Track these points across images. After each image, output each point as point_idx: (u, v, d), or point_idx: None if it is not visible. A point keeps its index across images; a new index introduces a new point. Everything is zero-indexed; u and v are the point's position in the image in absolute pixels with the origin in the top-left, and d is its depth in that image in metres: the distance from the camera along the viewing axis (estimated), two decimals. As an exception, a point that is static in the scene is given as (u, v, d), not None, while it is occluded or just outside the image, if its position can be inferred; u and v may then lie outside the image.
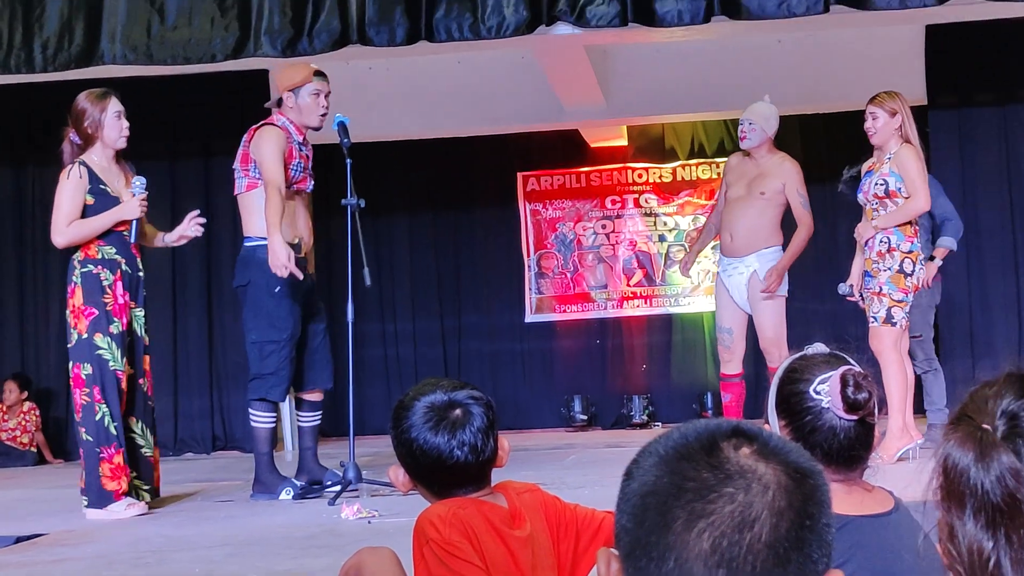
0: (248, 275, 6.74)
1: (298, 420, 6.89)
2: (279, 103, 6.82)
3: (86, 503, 6.13)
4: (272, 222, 6.48)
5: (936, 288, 7.78)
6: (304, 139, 6.80)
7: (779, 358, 7.45)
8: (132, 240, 6.29)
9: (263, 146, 6.66)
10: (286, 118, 6.77)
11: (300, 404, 6.91)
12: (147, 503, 6.26)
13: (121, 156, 6.39)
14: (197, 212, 6.66)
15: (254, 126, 6.83)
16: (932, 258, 7.64)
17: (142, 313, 6.38)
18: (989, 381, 1.28)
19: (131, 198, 6.26)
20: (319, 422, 6.86)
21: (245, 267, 6.78)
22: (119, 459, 6.10)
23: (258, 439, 6.75)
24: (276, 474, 6.67)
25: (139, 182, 6.29)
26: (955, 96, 9.65)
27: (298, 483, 6.62)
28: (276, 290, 6.63)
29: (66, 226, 6.14)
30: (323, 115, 6.78)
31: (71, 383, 6.21)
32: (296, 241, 6.67)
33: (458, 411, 2.58)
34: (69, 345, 6.23)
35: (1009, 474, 1.20)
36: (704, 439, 1.20)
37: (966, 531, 1.21)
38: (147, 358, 6.42)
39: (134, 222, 6.25)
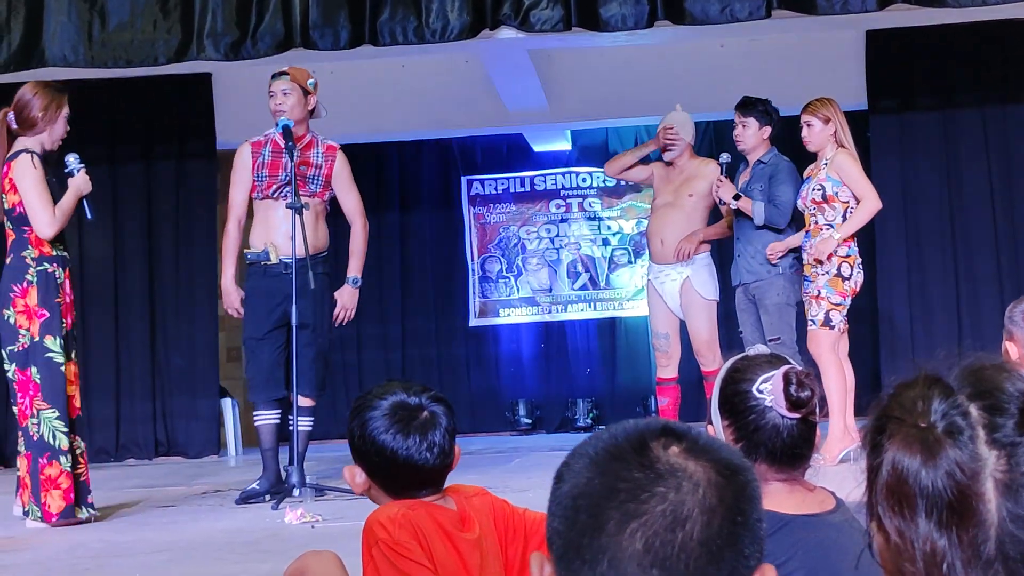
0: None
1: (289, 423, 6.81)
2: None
3: (38, 516, 5.89)
4: (223, 257, 6.87)
5: (794, 285, 7.31)
6: (287, 144, 6.69)
7: (713, 361, 7.56)
8: (90, 216, 6.20)
9: (232, 172, 6.94)
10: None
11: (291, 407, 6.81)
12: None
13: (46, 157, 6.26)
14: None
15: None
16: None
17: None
18: (905, 383, 1.29)
19: (76, 176, 6.13)
20: (309, 428, 6.77)
21: None
22: (52, 471, 5.87)
23: (258, 436, 6.85)
24: (268, 471, 6.66)
25: (74, 157, 6.16)
26: (896, 101, 9.73)
27: (254, 486, 6.58)
28: (244, 296, 6.83)
29: (53, 215, 5.95)
30: (278, 112, 6.74)
31: (15, 387, 5.97)
32: (264, 248, 6.70)
33: (426, 413, 2.57)
34: (17, 348, 5.96)
35: (957, 467, 1.20)
36: (634, 439, 1.20)
37: (919, 533, 1.21)
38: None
39: (85, 199, 6.12)
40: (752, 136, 7.39)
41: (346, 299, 7.03)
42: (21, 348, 5.97)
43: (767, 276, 7.23)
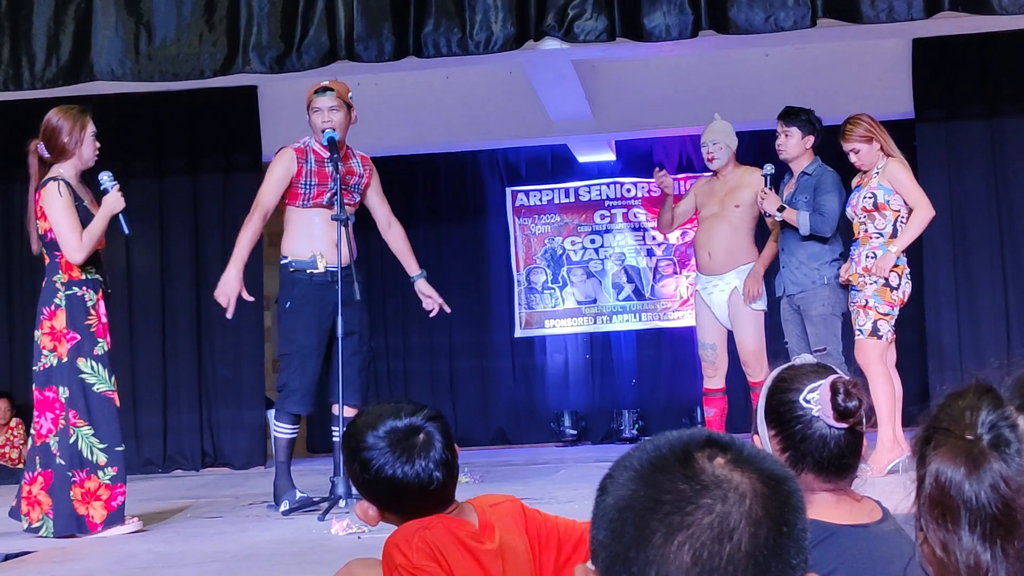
0: (278, 292, 6.95)
1: (332, 434, 6.82)
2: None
3: (51, 532, 6.00)
4: (238, 247, 6.82)
5: (839, 296, 7.29)
6: (332, 156, 6.67)
7: (760, 372, 7.53)
8: (127, 231, 6.22)
9: (269, 168, 6.84)
10: (312, 137, 6.84)
11: (332, 418, 6.80)
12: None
13: (83, 175, 6.34)
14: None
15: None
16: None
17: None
18: (956, 393, 1.28)
19: (109, 194, 6.18)
20: None
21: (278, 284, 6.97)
22: (91, 484, 5.99)
23: (275, 448, 6.84)
24: (286, 483, 6.68)
25: (107, 175, 6.22)
26: (943, 109, 9.66)
27: (300, 494, 6.61)
28: (287, 305, 6.78)
29: (80, 240, 6.04)
30: (326, 127, 6.73)
31: (34, 407, 6.09)
32: (310, 257, 6.71)
33: (422, 435, 2.55)
34: (39, 367, 6.08)
35: (1003, 482, 1.19)
36: (678, 450, 1.20)
37: (962, 546, 1.20)
38: None
39: (121, 215, 6.16)
40: (795, 146, 7.36)
41: (430, 290, 7.16)
42: (42, 368, 6.09)
43: (812, 287, 7.20)
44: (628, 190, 11.50)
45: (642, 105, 9.98)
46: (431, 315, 7.23)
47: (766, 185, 7.44)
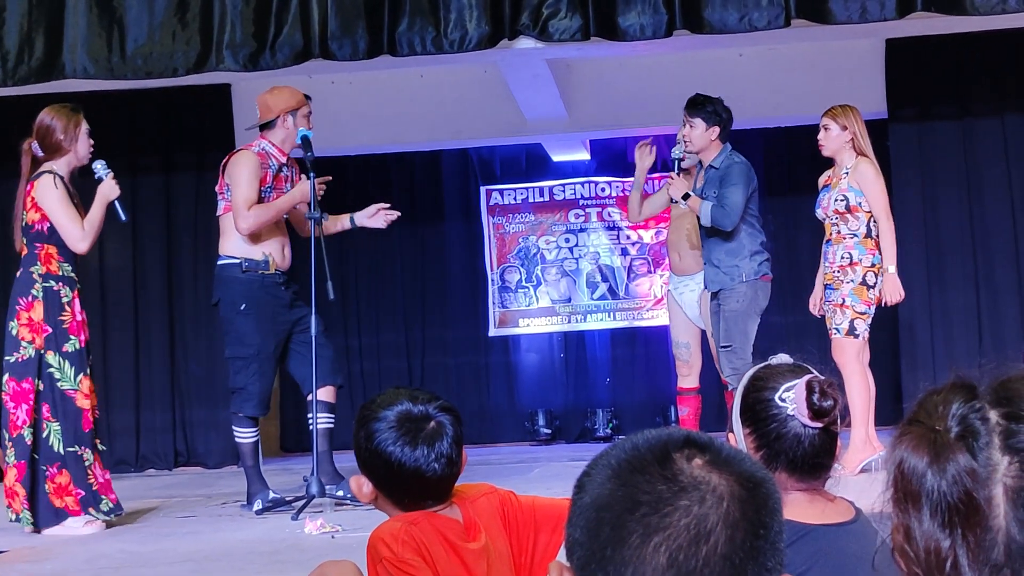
0: (219, 293, 6.86)
1: (309, 423, 6.81)
2: (268, 126, 6.81)
3: (30, 522, 6.04)
4: (271, 204, 6.66)
5: (758, 292, 7.16)
6: (287, 161, 6.82)
7: None
8: (123, 218, 6.29)
9: (235, 170, 6.70)
10: (268, 141, 6.80)
11: (309, 406, 6.77)
12: (106, 521, 6.20)
13: (74, 174, 6.36)
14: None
15: (231, 152, 6.95)
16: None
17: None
18: (935, 389, 1.29)
19: (104, 182, 6.24)
20: (331, 424, 6.79)
21: (216, 285, 6.89)
22: (63, 479, 6.03)
23: (240, 453, 6.88)
24: (258, 484, 6.68)
25: (100, 164, 6.29)
26: (915, 109, 9.70)
27: (273, 494, 6.60)
28: (241, 307, 6.72)
29: (82, 229, 6.10)
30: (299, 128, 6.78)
31: (9, 397, 6.10)
32: (263, 257, 6.70)
33: (433, 424, 2.56)
34: (14, 359, 6.11)
35: (965, 473, 1.20)
36: (657, 450, 1.20)
37: (923, 531, 1.22)
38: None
39: (116, 202, 6.22)
40: (699, 137, 7.18)
41: (371, 212, 7.08)
42: (20, 360, 6.12)
43: (730, 284, 7.08)
44: (603, 189, 11.51)
45: (616, 104, 9.99)
46: (386, 223, 7.11)
47: (674, 170, 7.34)
